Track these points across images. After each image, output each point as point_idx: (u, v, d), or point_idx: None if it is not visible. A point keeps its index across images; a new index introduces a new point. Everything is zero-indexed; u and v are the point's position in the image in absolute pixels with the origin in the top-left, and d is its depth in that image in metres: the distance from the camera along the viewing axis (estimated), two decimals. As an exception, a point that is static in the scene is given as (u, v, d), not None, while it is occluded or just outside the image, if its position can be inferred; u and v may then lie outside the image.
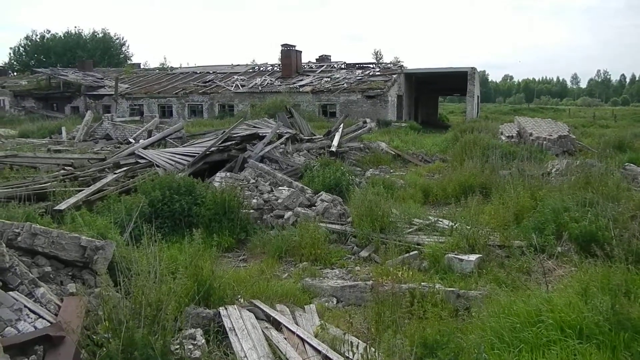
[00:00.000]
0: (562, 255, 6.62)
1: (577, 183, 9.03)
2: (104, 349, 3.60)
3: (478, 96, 42.57)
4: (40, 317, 4.05)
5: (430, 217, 8.66)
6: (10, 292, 4.17)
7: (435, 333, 4.21)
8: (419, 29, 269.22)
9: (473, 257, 6.34)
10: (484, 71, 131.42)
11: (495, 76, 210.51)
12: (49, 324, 3.96)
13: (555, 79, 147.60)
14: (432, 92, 48.09)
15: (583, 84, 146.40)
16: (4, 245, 4.52)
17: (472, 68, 36.01)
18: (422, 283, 5.46)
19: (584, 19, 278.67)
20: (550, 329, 3.82)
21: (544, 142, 17.68)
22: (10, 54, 70.24)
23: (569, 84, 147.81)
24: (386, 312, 4.74)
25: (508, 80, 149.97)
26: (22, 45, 69.38)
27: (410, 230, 8.00)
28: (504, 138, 19.67)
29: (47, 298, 4.36)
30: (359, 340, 4.42)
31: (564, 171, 11.25)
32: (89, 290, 4.90)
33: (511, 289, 5.23)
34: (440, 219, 8.48)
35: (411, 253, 6.99)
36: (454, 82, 40.13)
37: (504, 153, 13.91)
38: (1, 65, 63.03)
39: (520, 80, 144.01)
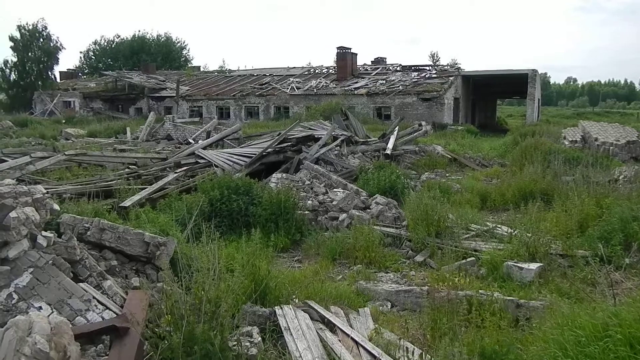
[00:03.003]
0: (631, 267, 6.29)
1: (647, 191, 8.56)
2: (166, 342, 3.73)
3: (539, 99, 41.11)
4: (107, 308, 4.26)
5: (488, 223, 8.44)
6: (80, 284, 4.41)
7: (494, 343, 4.09)
8: (478, 30, 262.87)
9: (534, 266, 6.12)
10: (545, 73, 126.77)
11: (557, 78, 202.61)
12: (115, 315, 4.15)
13: (622, 82, 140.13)
14: (490, 94, 46.81)
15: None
16: (75, 239, 4.78)
17: (532, 70, 34.82)
18: (480, 291, 5.33)
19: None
20: (619, 344, 3.63)
21: (611, 147, 16.83)
22: (80, 57, 74.32)
23: (637, 86, 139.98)
24: (442, 319, 4.65)
25: (571, 83, 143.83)
26: (91, 49, 73.17)
27: (467, 235, 7.83)
28: (567, 143, 18.89)
29: (113, 290, 4.57)
30: (414, 347, 4.37)
31: (632, 178, 10.68)
32: (152, 284, 5.10)
33: (574, 301, 5.02)
34: (499, 225, 8.25)
35: (468, 259, 6.84)
36: (513, 84, 38.96)
37: (567, 158, 13.36)
38: (72, 68, 66.55)
39: (584, 83, 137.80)
